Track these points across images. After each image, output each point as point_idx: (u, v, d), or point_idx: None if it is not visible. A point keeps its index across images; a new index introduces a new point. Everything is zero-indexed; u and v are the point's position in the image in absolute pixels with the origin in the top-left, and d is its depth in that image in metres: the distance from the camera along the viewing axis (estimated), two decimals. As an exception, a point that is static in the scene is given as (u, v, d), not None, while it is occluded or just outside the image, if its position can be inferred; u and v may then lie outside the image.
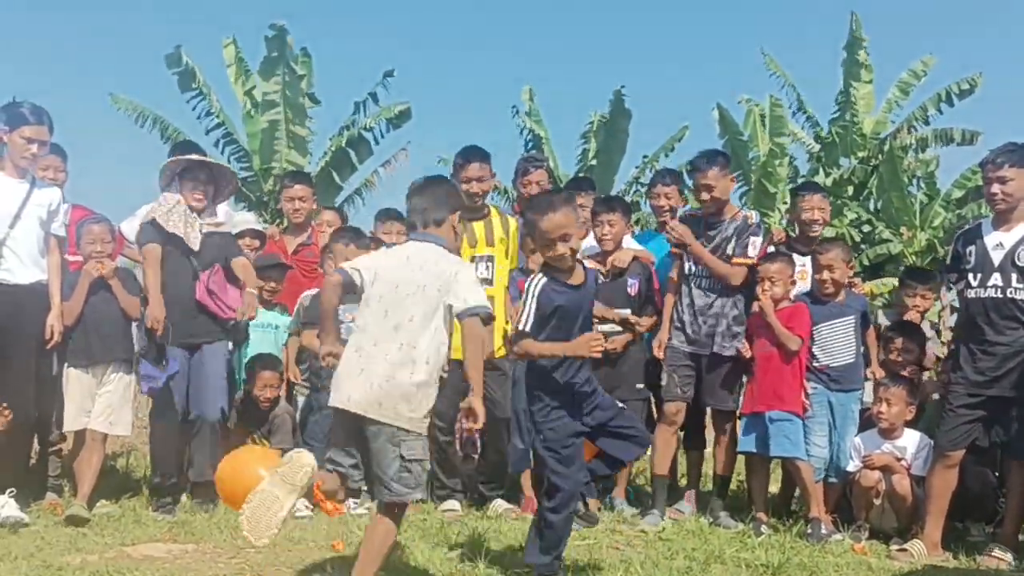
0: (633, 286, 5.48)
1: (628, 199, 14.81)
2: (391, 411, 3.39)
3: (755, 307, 5.48)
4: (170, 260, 5.28)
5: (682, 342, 5.39)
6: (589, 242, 5.70)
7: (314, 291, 5.83)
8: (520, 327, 3.75)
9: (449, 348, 5.39)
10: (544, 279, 3.78)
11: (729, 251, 5.38)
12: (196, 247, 5.31)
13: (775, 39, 38.35)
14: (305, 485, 3.26)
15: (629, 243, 5.76)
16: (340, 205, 18.21)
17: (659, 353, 5.40)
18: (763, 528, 5.04)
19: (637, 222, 14.13)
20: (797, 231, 5.91)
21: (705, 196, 5.44)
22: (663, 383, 5.38)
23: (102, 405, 5.25)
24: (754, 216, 5.53)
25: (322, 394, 5.50)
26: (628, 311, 5.46)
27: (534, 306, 3.72)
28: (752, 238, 5.38)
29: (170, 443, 5.35)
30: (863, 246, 17.79)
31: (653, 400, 5.72)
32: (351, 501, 5.47)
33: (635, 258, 5.56)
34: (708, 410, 5.59)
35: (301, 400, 5.86)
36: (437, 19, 46.75)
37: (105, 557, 4.14)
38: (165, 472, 5.32)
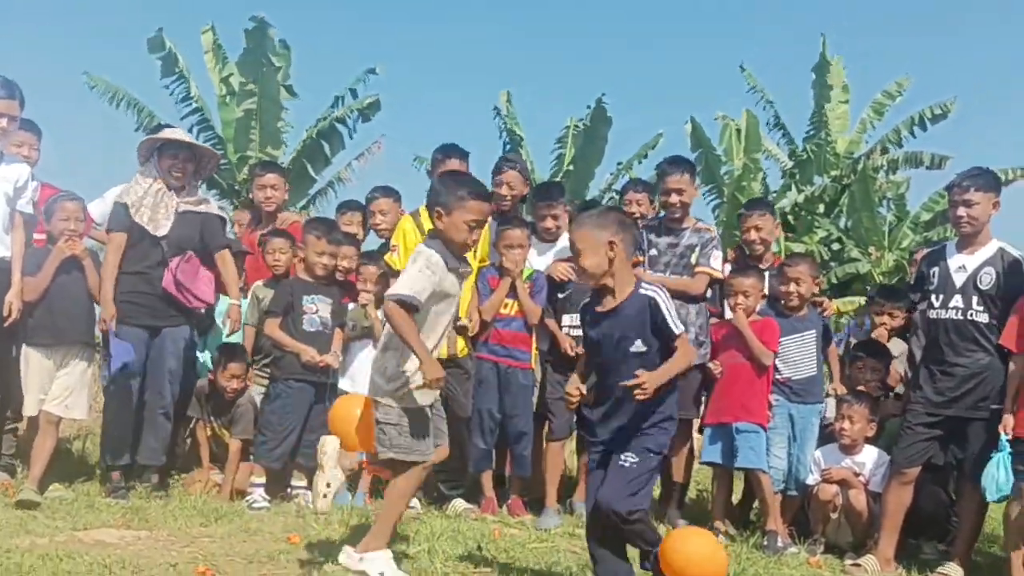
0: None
1: (602, 206, 14.78)
2: (372, 386, 3.80)
3: (713, 320, 5.53)
4: (140, 245, 5.24)
5: None
6: (563, 243, 5.73)
7: (261, 281, 5.78)
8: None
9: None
10: (586, 302, 3.82)
11: (692, 260, 5.46)
12: (163, 232, 5.25)
13: (755, 56, 38.70)
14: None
15: None
16: (313, 197, 18.21)
17: None
18: (721, 538, 5.07)
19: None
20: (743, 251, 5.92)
21: (675, 199, 5.50)
22: None
23: (59, 387, 5.17)
24: (714, 229, 5.68)
25: (279, 384, 5.46)
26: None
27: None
28: (715, 251, 5.51)
29: (123, 425, 5.28)
30: (832, 264, 17.97)
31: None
32: (309, 494, 5.42)
33: None
34: None
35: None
36: (422, 17, 46.74)
37: (55, 541, 4.08)
38: (115, 454, 5.25)
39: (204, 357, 5.88)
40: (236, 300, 5.54)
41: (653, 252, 5.53)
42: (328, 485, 4.12)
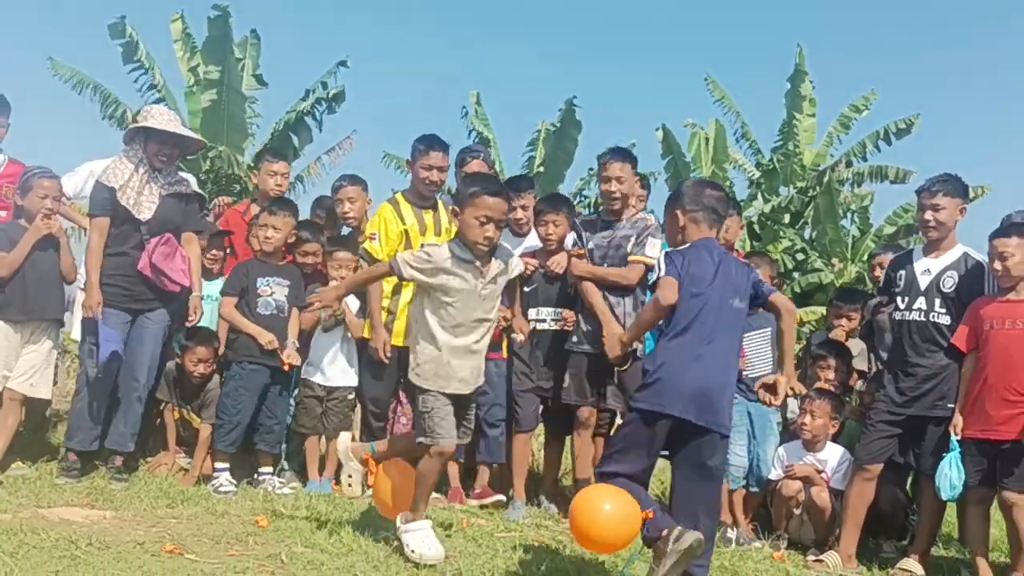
0: (572, 287, 5.49)
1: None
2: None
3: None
4: (122, 227, 5.18)
5: (582, 345, 5.32)
6: (532, 240, 5.76)
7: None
8: None
9: (390, 334, 5.41)
10: None
11: (628, 248, 5.35)
12: (147, 216, 5.19)
13: (724, 66, 39.15)
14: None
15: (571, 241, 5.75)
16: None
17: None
18: (729, 533, 5.07)
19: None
20: None
21: (614, 187, 5.37)
22: (564, 386, 5.35)
23: (25, 365, 5.12)
24: (653, 219, 5.57)
25: (233, 366, 5.40)
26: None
27: None
28: (651, 238, 5.37)
29: (96, 410, 5.19)
30: (795, 274, 18.20)
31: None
32: (276, 480, 5.40)
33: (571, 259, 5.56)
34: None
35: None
36: (395, 14, 46.65)
37: (19, 516, 4.03)
38: (84, 439, 5.17)
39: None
40: (198, 291, 5.45)
41: (591, 246, 5.43)
42: (350, 476, 4.80)
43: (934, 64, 45.23)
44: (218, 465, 5.29)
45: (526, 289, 5.53)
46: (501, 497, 5.39)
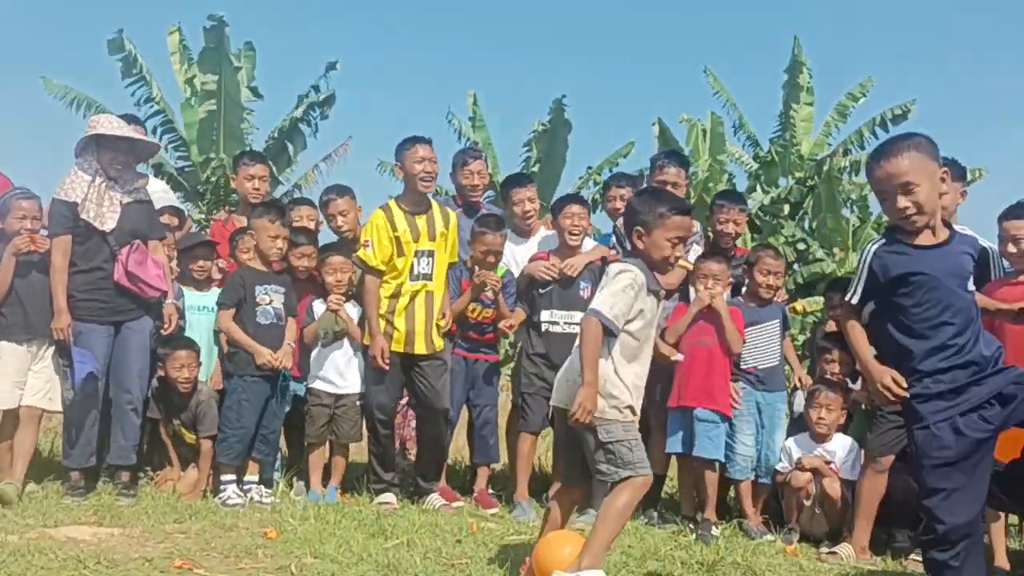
0: (586, 289, 5.42)
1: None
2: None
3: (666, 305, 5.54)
4: (90, 242, 5.13)
5: None
6: (540, 236, 5.78)
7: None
8: (847, 298, 3.46)
9: (390, 340, 5.39)
10: (880, 242, 3.35)
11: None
12: (111, 226, 5.13)
13: (720, 59, 39.15)
14: None
15: (588, 243, 5.75)
16: (277, 199, 18.08)
17: None
18: (714, 530, 5.03)
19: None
20: (712, 239, 5.95)
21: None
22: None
23: (40, 381, 5.11)
24: (697, 225, 5.66)
25: (235, 379, 5.33)
26: None
27: (865, 274, 3.35)
28: (695, 246, 5.56)
29: (86, 427, 5.14)
30: (797, 265, 18.13)
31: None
32: (263, 488, 5.32)
33: (588, 263, 5.55)
34: None
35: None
36: (385, 21, 46.66)
37: (26, 538, 3.99)
38: (78, 456, 5.12)
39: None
40: (173, 298, 5.39)
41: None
42: None
43: (929, 48, 45.20)
44: (224, 478, 5.24)
45: (541, 291, 5.51)
46: (495, 509, 5.38)
